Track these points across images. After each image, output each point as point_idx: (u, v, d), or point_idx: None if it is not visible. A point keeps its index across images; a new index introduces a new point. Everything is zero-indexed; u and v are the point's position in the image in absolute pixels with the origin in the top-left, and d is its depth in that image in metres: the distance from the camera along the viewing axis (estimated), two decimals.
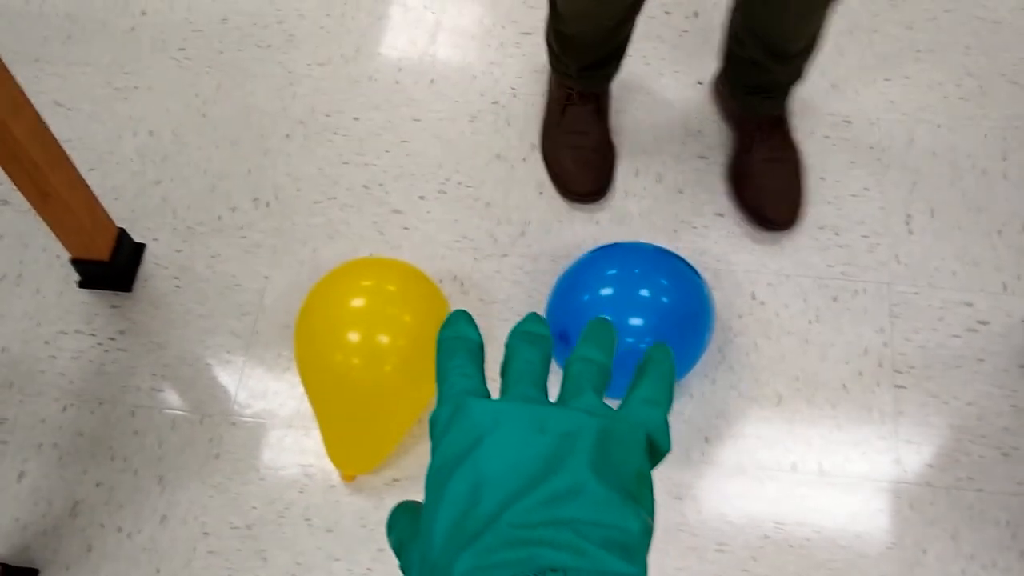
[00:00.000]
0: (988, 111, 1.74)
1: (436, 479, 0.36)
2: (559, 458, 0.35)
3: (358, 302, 1.37)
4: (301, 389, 1.51)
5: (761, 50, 1.49)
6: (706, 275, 1.57)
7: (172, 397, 1.53)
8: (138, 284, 1.62)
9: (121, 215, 1.65)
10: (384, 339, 1.35)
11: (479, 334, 0.43)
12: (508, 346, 0.42)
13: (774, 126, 1.64)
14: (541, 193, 1.68)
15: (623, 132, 1.73)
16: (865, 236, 1.62)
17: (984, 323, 1.56)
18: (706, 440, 1.47)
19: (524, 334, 0.42)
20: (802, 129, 1.71)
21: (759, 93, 1.60)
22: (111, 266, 1.58)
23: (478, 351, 0.42)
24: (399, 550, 0.39)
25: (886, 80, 1.77)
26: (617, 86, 1.74)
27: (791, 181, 1.63)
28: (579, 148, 1.66)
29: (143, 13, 1.91)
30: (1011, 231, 1.63)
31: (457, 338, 0.42)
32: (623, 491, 0.35)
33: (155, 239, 1.66)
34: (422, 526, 0.36)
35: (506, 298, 1.59)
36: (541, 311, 1.49)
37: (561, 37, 1.55)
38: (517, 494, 0.33)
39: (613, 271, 1.37)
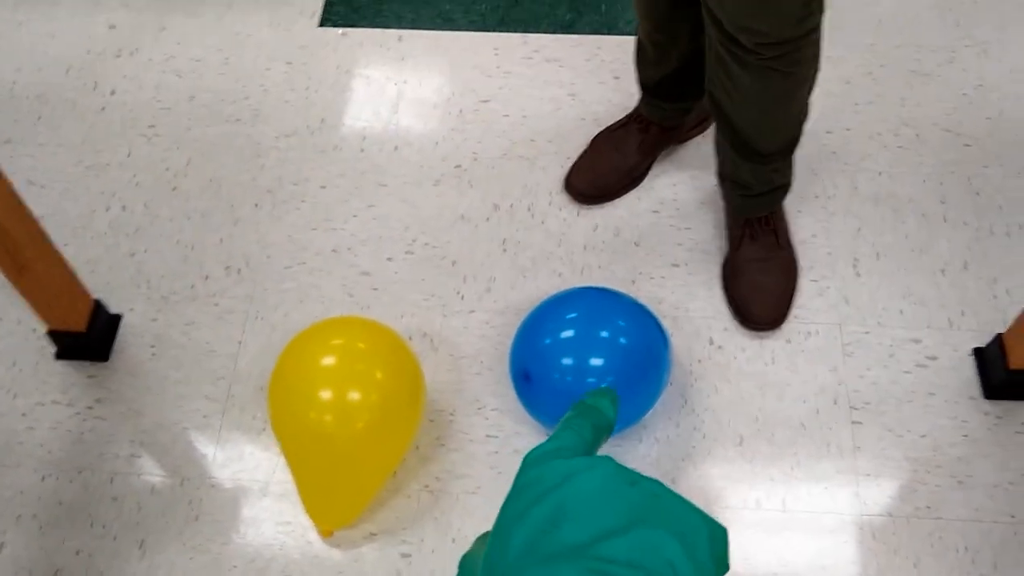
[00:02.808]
0: (925, 158, 1.84)
1: (520, 500, 0.38)
2: (649, 511, 0.37)
3: (329, 361, 1.42)
4: (277, 449, 1.54)
5: (729, 142, 1.54)
6: (665, 322, 1.63)
7: (150, 462, 1.55)
8: (115, 353, 1.65)
9: (97, 287, 1.69)
10: (356, 396, 1.40)
11: (614, 416, 0.47)
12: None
13: (763, 226, 1.66)
14: (505, 250, 1.75)
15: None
16: (815, 280, 1.69)
17: (933, 358, 1.63)
18: (672, 482, 1.51)
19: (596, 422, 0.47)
20: None
21: (741, 190, 1.62)
22: (87, 337, 1.61)
23: (605, 428, 0.45)
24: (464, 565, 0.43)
25: (828, 133, 1.86)
26: (579, 143, 1.82)
27: (778, 283, 1.65)
28: (603, 156, 1.78)
29: (112, 93, 1.98)
30: (953, 270, 1.71)
31: (596, 408, 0.46)
32: (701, 565, 0.37)
33: (131, 309, 1.70)
34: (493, 539, 0.38)
35: (475, 352, 1.64)
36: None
37: (637, 46, 1.67)
38: (609, 532, 0.35)
39: (572, 314, 1.44)
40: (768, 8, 1.27)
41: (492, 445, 1.55)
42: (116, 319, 1.68)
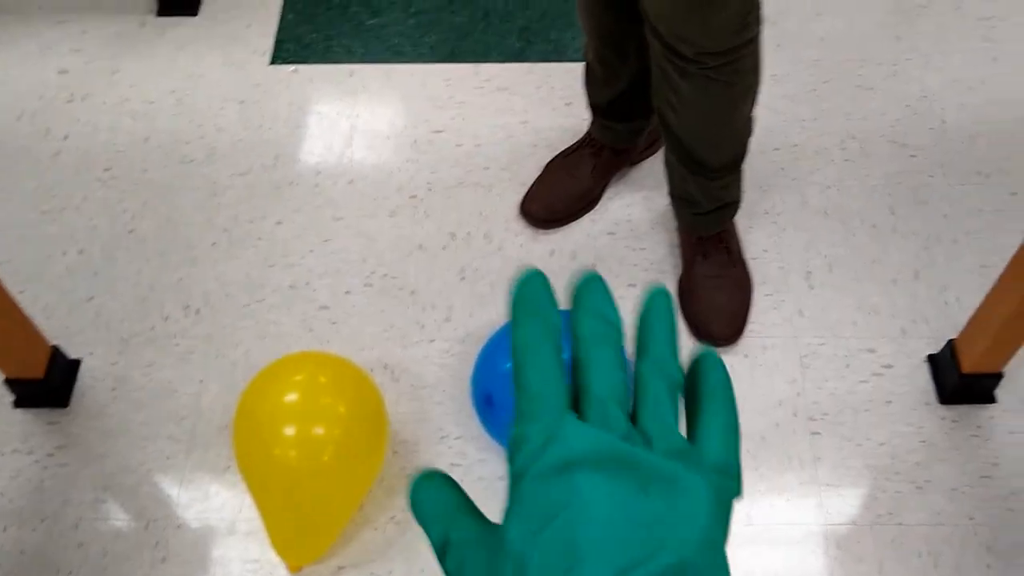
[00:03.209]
0: (872, 170, 1.87)
1: (526, 522, 0.33)
2: (666, 528, 0.32)
3: (292, 396, 1.42)
4: (242, 486, 1.54)
5: (678, 157, 1.56)
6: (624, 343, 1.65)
7: (115, 506, 1.55)
8: (75, 399, 1.65)
9: (55, 332, 1.69)
10: (320, 430, 1.40)
11: (557, 309, 0.36)
12: (583, 333, 0.36)
13: (715, 244, 1.68)
14: (463, 278, 1.76)
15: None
16: (769, 295, 1.72)
17: (888, 367, 1.65)
18: None
19: (596, 318, 0.37)
20: None
21: (691, 208, 1.65)
22: (46, 384, 1.61)
23: (559, 336, 0.36)
24: (445, 549, 0.36)
25: (775, 149, 1.90)
26: (533, 169, 1.84)
27: (733, 299, 1.68)
28: (557, 181, 1.80)
29: (65, 138, 1.98)
30: (904, 279, 1.74)
31: (538, 318, 0.36)
32: (724, 570, 0.33)
33: (90, 353, 1.69)
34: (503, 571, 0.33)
35: (436, 382, 1.65)
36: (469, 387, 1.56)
37: (585, 69, 1.69)
38: (624, 570, 0.31)
39: None
40: (705, 20, 1.31)
41: (457, 473, 1.55)
42: (75, 364, 1.67)
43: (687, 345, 1.69)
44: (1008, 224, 1.79)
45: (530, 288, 0.37)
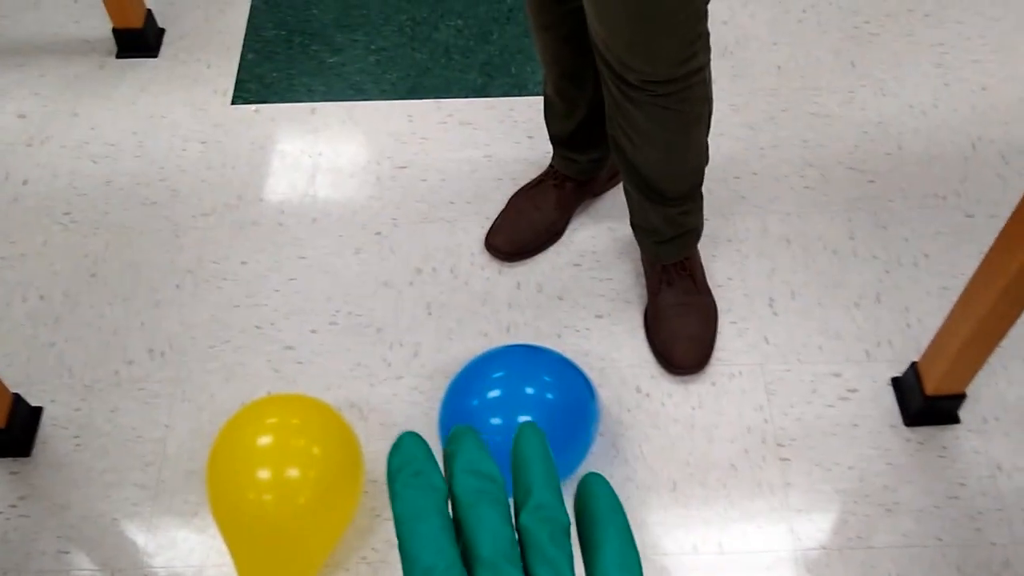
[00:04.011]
0: (831, 196, 1.90)
1: None
2: None
3: (265, 440, 1.41)
4: (211, 532, 1.52)
5: (636, 187, 1.57)
6: (592, 373, 1.65)
7: (80, 557, 1.52)
8: (37, 447, 1.62)
9: (16, 380, 1.66)
10: (295, 473, 1.39)
11: (441, 474, 0.36)
12: (461, 493, 0.36)
13: (679, 272, 1.69)
14: (430, 314, 1.76)
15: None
16: (734, 322, 1.73)
17: (853, 391, 1.67)
18: None
19: (471, 475, 0.36)
20: None
21: (653, 237, 1.66)
22: (7, 433, 1.58)
23: (445, 503, 0.35)
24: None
25: (736, 178, 1.92)
26: (497, 202, 1.85)
27: (698, 327, 1.68)
28: (522, 215, 1.82)
29: (25, 183, 1.96)
30: (867, 303, 1.76)
31: (418, 485, 0.35)
32: None
33: (52, 400, 1.67)
34: None
35: (405, 420, 1.64)
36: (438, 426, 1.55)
37: (546, 102, 1.72)
38: None
39: (498, 373, 1.45)
40: (650, 49, 1.32)
41: None
42: (37, 412, 1.65)
43: (625, 329, 1.70)
44: (966, 246, 1.82)
45: (405, 454, 0.36)
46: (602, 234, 1.86)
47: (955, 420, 1.62)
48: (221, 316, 1.76)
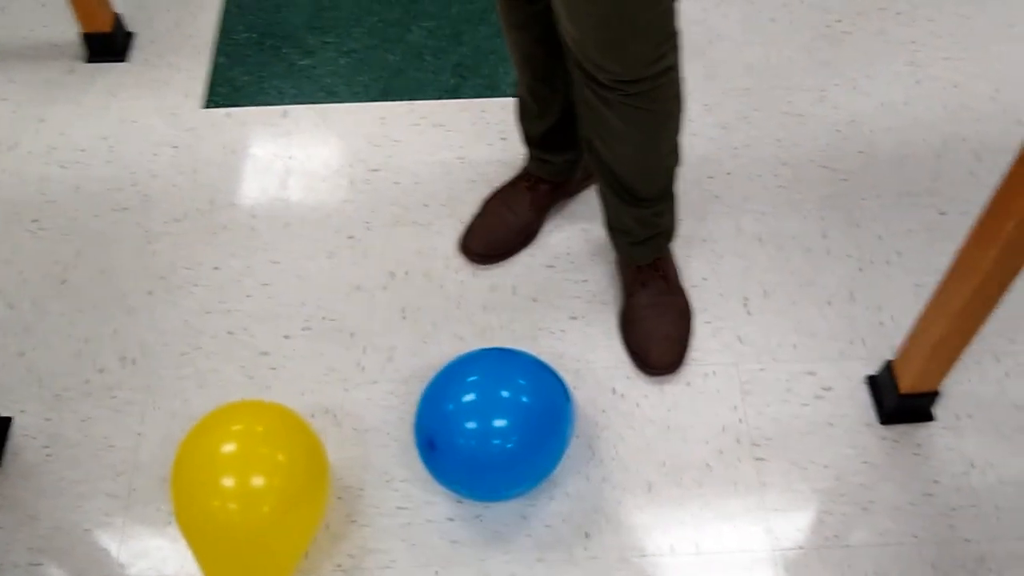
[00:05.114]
0: (804, 195, 1.90)
1: None
2: None
3: (229, 448, 1.40)
4: (184, 541, 1.50)
5: (609, 187, 1.57)
6: (567, 375, 1.65)
7: (51, 569, 1.50)
8: (6, 459, 1.60)
9: None
10: (259, 481, 1.38)
11: None
12: None
13: (653, 272, 1.69)
14: (404, 317, 1.75)
15: None
16: (708, 322, 1.73)
17: (828, 389, 1.67)
18: (587, 536, 1.52)
19: None
20: None
21: (627, 238, 1.66)
22: None
23: None
24: None
25: (710, 178, 1.92)
26: (471, 205, 1.84)
27: (673, 327, 1.68)
28: (496, 217, 1.81)
29: None
30: (840, 301, 1.76)
31: None
32: None
33: (22, 411, 1.65)
34: None
35: (380, 424, 1.63)
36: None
37: (518, 103, 1.71)
38: None
39: (473, 377, 1.45)
40: (619, 49, 1.32)
41: (403, 517, 1.54)
42: (6, 422, 1.63)
43: (601, 331, 1.70)
44: (939, 243, 1.83)
45: None
46: (576, 236, 1.85)
47: (929, 417, 1.63)
48: (193, 322, 1.75)
